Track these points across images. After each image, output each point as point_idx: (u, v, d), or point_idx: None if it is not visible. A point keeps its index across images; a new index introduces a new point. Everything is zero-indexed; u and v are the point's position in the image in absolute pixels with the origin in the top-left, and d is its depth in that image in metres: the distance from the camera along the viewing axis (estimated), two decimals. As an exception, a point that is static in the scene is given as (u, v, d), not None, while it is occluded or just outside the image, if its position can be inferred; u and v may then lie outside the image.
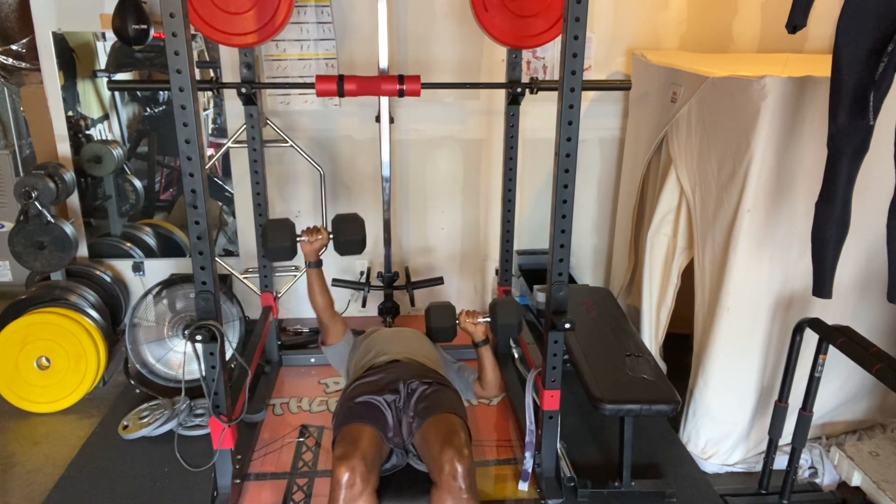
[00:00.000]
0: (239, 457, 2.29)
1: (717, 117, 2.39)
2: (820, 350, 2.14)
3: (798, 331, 2.22)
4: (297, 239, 2.21)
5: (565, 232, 2.05)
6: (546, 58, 3.32)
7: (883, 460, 2.41)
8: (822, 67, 2.09)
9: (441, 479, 1.88)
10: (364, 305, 3.21)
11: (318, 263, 2.29)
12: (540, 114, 3.29)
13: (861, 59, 1.80)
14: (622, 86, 2.77)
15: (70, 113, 3.21)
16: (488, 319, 2.32)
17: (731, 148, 2.31)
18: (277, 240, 2.19)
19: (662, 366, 2.84)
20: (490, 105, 3.37)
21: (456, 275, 3.68)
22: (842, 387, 2.54)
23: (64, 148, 3.25)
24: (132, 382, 2.95)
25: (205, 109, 3.30)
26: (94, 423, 2.73)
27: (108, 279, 3.35)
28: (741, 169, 2.26)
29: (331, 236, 2.28)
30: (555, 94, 1.96)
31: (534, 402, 2.39)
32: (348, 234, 2.26)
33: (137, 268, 3.46)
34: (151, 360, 2.93)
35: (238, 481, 2.29)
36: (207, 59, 3.19)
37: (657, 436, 2.66)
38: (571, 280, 3.60)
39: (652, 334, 2.92)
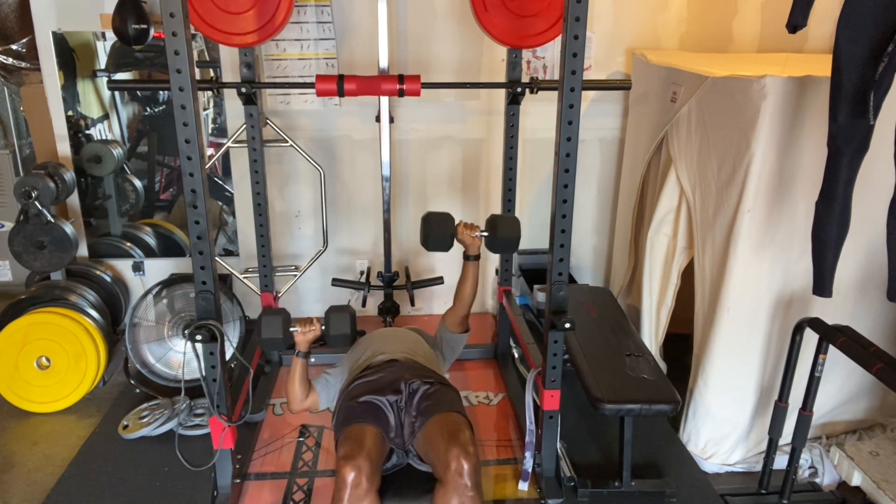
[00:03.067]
0: (239, 456, 2.29)
1: (717, 117, 2.39)
2: (820, 350, 2.14)
3: (798, 330, 2.22)
4: (291, 329, 2.20)
5: (565, 232, 2.05)
6: (546, 57, 3.32)
7: (883, 460, 2.41)
8: (822, 67, 2.09)
9: (447, 476, 1.88)
10: (364, 305, 3.21)
11: (307, 354, 2.28)
12: (540, 114, 3.29)
13: (861, 58, 1.80)
14: (622, 86, 2.77)
15: (70, 113, 3.21)
16: (486, 234, 2.33)
17: (731, 148, 2.31)
18: (270, 332, 2.17)
19: (662, 366, 2.84)
20: (490, 105, 3.37)
21: (456, 274, 3.64)
22: (842, 387, 2.54)
23: (64, 148, 3.25)
24: (132, 382, 2.95)
25: (205, 109, 3.30)
26: (94, 423, 2.73)
27: (108, 279, 3.35)
28: (741, 169, 2.26)
29: (322, 328, 2.27)
30: (555, 93, 1.96)
31: (534, 401, 2.39)
32: (338, 329, 2.24)
33: (137, 267, 3.46)
34: (151, 360, 2.93)
35: (238, 481, 2.29)
36: (207, 58, 3.20)
37: (657, 436, 2.66)
38: (571, 280, 3.60)
39: (652, 334, 2.92)
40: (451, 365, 2.61)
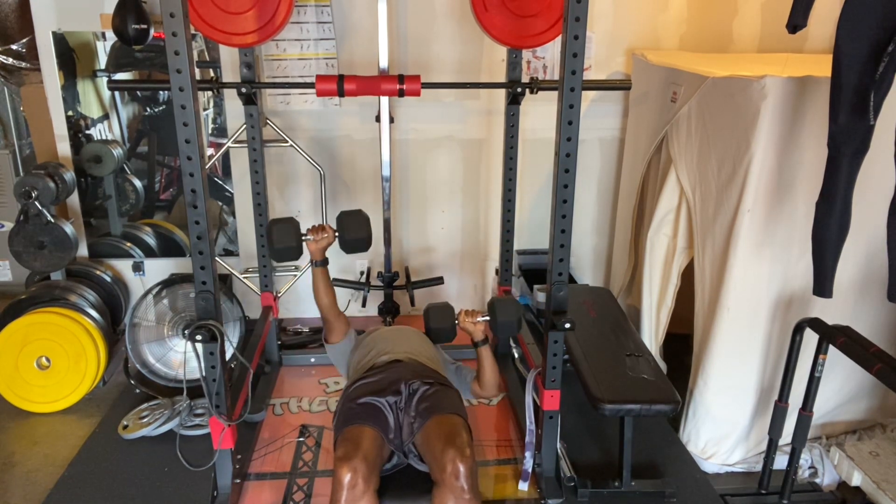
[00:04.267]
0: (239, 456, 2.29)
1: (717, 117, 2.39)
2: (820, 350, 2.14)
3: (798, 331, 2.22)
4: (303, 238, 2.21)
5: (565, 232, 2.05)
6: (546, 58, 3.32)
7: (883, 460, 2.41)
8: (822, 67, 2.09)
9: (443, 478, 1.88)
10: (364, 305, 3.21)
11: (324, 262, 2.29)
12: (540, 114, 3.29)
13: (861, 58, 1.80)
14: (622, 86, 2.77)
15: (70, 113, 3.21)
16: (487, 318, 2.32)
17: (731, 148, 2.31)
18: (283, 240, 2.18)
19: (662, 366, 2.84)
20: (490, 105, 3.37)
21: (456, 274, 3.68)
22: (842, 387, 2.54)
23: (64, 148, 3.25)
24: (132, 382, 2.95)
25: (205, 109, 3.30)
26: (94, 423, 2.73)
27: (108, 279, 3.35)
28: (741, 169, 2.26)
29: (336, 235, 2.28)
30: (555, 94, 1.96)
31: (534, 402, 2.39)
32: (354, 233, 2.26)
33: (137, 268, 3.46)
34: (151, 360, 2.93)
35: (238, 481, 2.29)
36: (207, 58, 3.20)
37: (657, 436, 2.66)
38: (571, 280, 3.60)
39: (652, 334, 2.92)
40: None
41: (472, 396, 2.45)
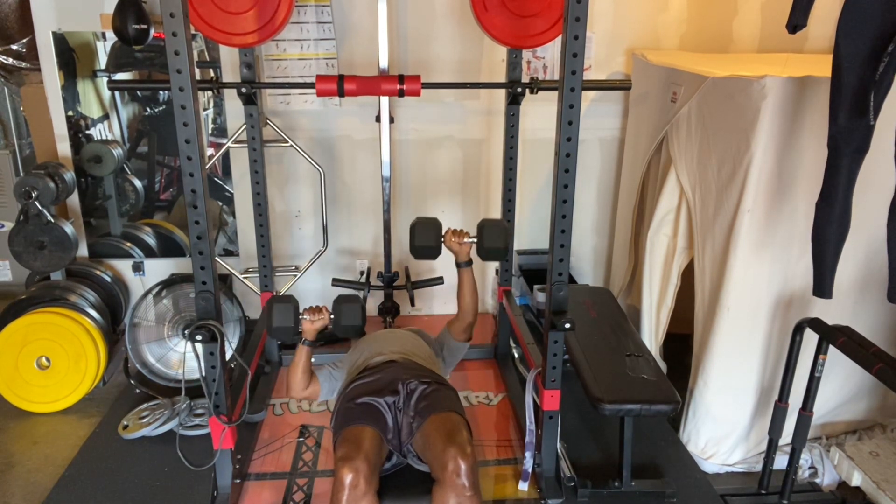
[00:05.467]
0: (239, 457, 2.29)
1: (717, 117, 2.39)
2: (820, 350, 2.14)
3: (798, 331, 2.22)
4: (300, 317, 2.21)
5: (565, 232, 2.05)
6: (546, 58, 3.32)
7: (883, 460, 2.41)
8: (822, 67, 2.09)
9: (444, 476, 1.88)
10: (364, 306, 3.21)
11: (314, 343, 2.29)
12: (540, 114, 3.29)
13: (861, 58, 1.80)
14: (622, 86, 2.77)
15: (70, 113, 3.21)
16: (474, 240, 2.33)
17: (731, 148, 2.31)
18: (280, 319, 2.18)
19: (662, 366, 2.84)
20: (490, 105, 3.37)
21: (456, 275, 3.67)
22: (842, 387, 2.54)
23: (64, 148, 3.25)
24: (132, 382, 2.95)
25: (205, 109, 3.30)
26: (94, 423, 2.73)
27: (108, 279, 3.35)
28: (741, 169, 2.26)
29: (331, 317, 2.28)
30: (555, 94, 1.96)
31: (534, 402, 2.39)
32: (349, 320, 2.26)
33: (137, 268, 3.46)
34: (151, 360, 2.93)
35: (238, 481, 2.29)
36: (207, 58, 3.20)
37: (657, 436, 2.66)
38: (571, 280, 3.60)
39: (652, 334, 2.92)
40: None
41: (457, 339, 2.50)
